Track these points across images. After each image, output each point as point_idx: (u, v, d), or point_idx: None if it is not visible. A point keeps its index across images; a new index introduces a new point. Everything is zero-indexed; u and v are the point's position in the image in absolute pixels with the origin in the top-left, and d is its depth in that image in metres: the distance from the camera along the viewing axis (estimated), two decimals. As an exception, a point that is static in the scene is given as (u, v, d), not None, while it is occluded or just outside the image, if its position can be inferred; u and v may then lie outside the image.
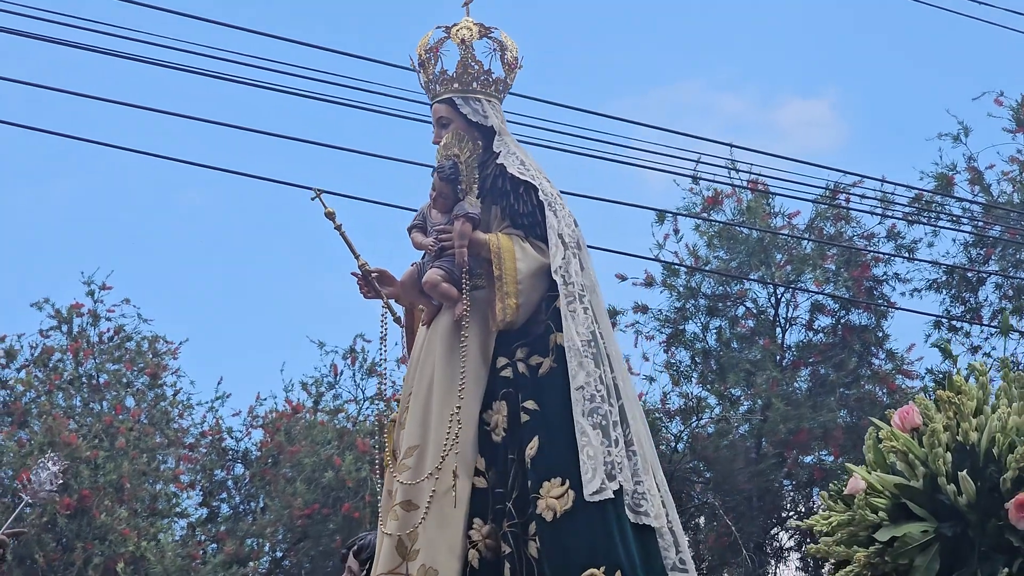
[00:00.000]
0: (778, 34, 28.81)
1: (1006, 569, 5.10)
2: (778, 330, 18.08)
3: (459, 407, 5.68)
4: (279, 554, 17.76)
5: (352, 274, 6.19)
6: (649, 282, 17.73)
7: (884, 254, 18.03)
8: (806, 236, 17.95)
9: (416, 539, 5.66)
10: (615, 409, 5.67)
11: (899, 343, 17.96)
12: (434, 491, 5.67)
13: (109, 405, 17.43)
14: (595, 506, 5.45)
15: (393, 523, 5.78)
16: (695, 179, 17.53)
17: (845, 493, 5.97)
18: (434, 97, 6.17)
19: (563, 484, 5.52)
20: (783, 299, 18.13)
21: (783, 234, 17.89)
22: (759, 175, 17.06)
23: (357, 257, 6.14)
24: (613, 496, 5.48)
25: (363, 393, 18.98)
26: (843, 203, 17.94)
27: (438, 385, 5.84)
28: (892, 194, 17.80)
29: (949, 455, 5.52)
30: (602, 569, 5.41)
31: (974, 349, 18.24)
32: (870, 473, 5.88)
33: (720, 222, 17.83)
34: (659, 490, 5.76)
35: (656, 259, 17.60)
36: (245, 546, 17.34)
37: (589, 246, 6.17)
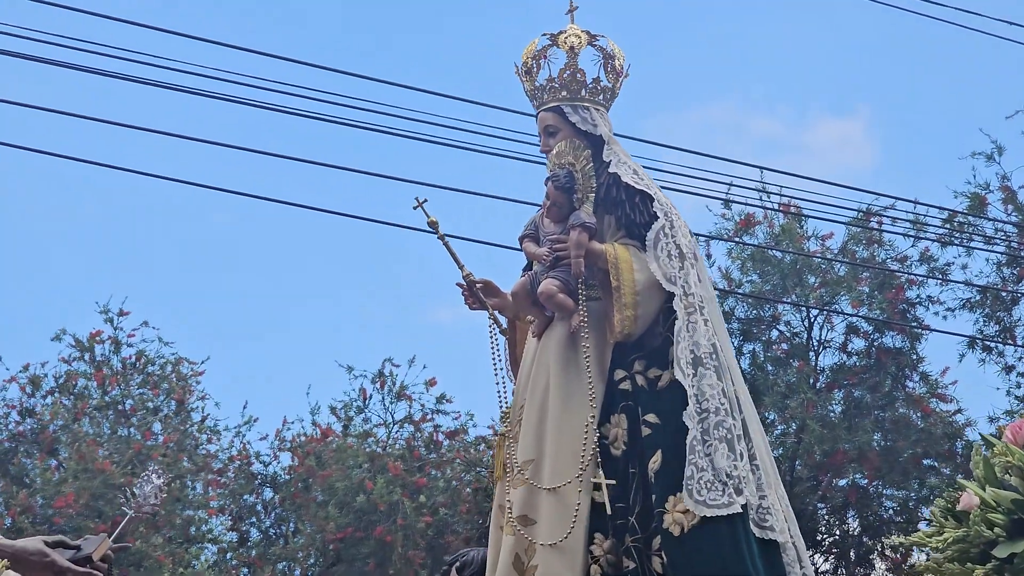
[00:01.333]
0: (810, 53, 28.88)
1: (1124, 584, 5.07)
2: (812, 353, 17.97)
3: (593, 416, 5.62)
4: (312, 577, 17.72)
5: (457, 284, 6.13)
6: (682, 306, 17.66)
7: (918, 276, 18.00)
8: (840, 259, 17.90)
9: (534, 555, 5.55)
10: (738, 423, 5.58)
11: (933, 366, 17.91)
12: (553, 503, 5.56)
13: (137, 431, 17.37)
14: (724, 520, 5.34)
15: (510, 538, 5.64)
16: (727, 203, 17.49)
17: (958, 509, 5.90)
18: (540, 105, 6.09)
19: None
20: (816, 322, 18.07)
21: (816, 257, 17.82)
22: (791, 198, 17.05)
23: (462, 268, 6.09)
24: (741, 511, 5.39)
25: (392, 417, 18.91)
26: (876, 226, 17.89)
27: (554, 397, 5.74)
28: (925, 215, 17.75)
29: (1067, 469, 5.48)
30: None
31: (1008, 369, 18.24)
32: (983, 489, 5.79)
33: (753, 245, 17.77)
34: (780, 504, 5.66)
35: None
36: (277, 571, 17.32)
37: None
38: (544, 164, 6.12)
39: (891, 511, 18.30)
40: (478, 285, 6.09)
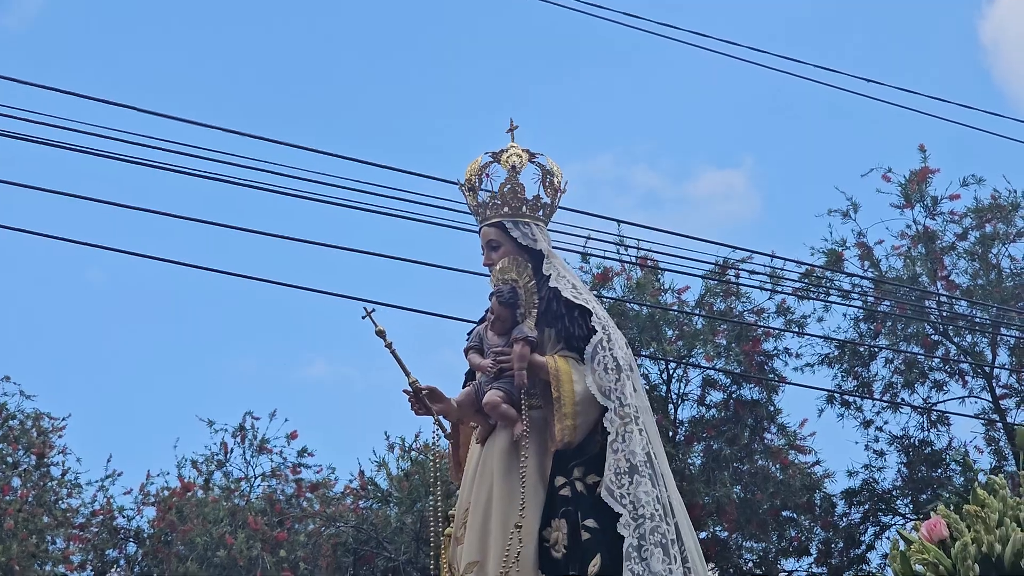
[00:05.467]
0: (692, 107, 29.45)
1: (1034, 678, 5.57)
2: (670, 406, 18.43)
3: (520, 525, 5.95)
4: (172, 633, 17.76)
5: (404, 391, 6.43)
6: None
7: (774, 329, 18.56)
8: (697, 312, 18.37)
9: (480, 653, 5.93)
10: (671, 527, 5.99)
11: (791, 418, 18.51)
12: None
13: (-6, 486, 17.38)
14: None
15: (457, 638, 6.02)
16: (584, 256, 17.84)
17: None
18: (483, 220, 6.48)
19: None
20: (675, 375, 18.55)
21: (673, 310, 18.26)
22: (648, 251, 17.43)
23: (408, 375, 6.38)
24: None
25: (253, 470, 19.09)
26: (732, 279, 18.40)
27: (497, 502, 6.09)
28: (782, 269, 18.34)
29: (976, 566, 5.99)
30: None
31: (866, 424, 18.97)
32: (902, 584, 6.33)
33: (610, 298, 18.16)
34: (710, 602, 6.13)
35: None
36: (139, 625, 17.46)
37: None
38: (487, 276, 6.53)
39: (751, 563, 18.81)
40: (423, 392, 6.37)
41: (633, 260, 18.26)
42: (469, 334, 6.53)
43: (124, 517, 18.65)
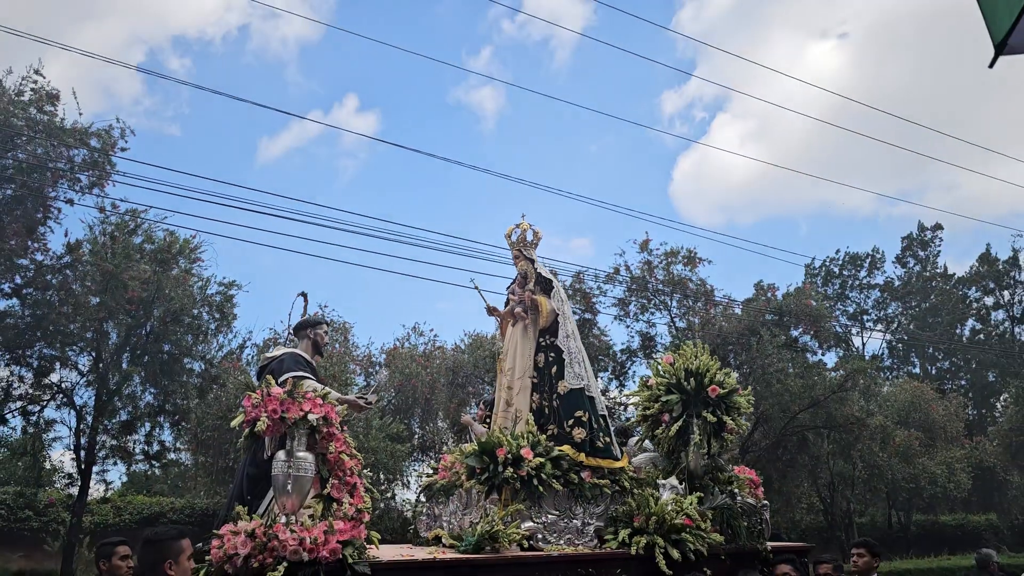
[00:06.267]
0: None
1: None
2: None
3: (528, 355, 15.00)
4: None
5: (485, 310, 15.37)
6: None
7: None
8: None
9: (513, 398, 15.31)
10: (582, 351, 14.85)
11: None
12: None
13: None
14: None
15: (506, 393, 15.59)
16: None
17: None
18: (512, 247, 15.48)
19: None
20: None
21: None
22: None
23: (486, 302, 15.22)
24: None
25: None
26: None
27: (519, 348, 14.61)
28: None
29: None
30: None
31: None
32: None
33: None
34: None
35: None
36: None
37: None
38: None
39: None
40: (493, 309, 14.81)
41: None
42: (508, 287, 15.44)
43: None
